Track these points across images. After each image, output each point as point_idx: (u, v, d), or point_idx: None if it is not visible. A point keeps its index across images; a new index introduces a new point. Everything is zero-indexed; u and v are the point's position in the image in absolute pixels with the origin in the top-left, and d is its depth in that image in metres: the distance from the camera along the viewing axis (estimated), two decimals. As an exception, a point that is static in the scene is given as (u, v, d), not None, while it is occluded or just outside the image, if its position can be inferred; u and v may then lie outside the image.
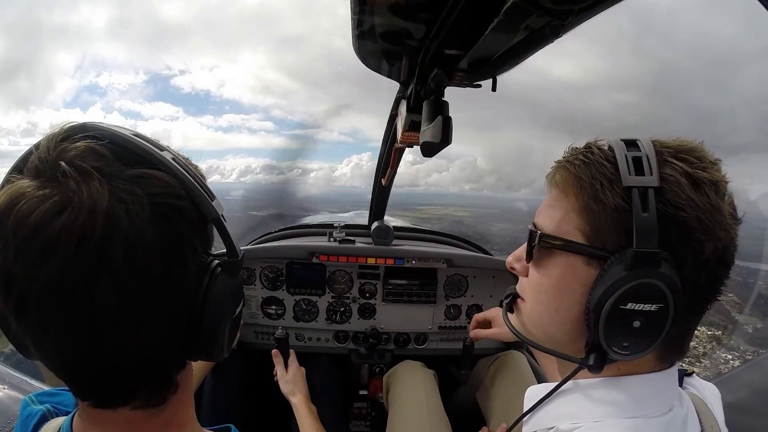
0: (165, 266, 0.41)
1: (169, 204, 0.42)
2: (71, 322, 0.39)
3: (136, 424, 0.47)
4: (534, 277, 0.61)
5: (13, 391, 1.07)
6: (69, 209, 0.37)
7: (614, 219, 0.51)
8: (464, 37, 0.56)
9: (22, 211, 0.37)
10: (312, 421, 1.28)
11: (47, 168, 0.40)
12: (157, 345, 0.44)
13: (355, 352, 1.84)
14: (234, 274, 0.48)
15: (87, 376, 0.43)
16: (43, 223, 0.37)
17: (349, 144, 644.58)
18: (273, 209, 6.48)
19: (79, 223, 0.37)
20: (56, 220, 0.37)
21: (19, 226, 0.37)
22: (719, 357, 3.70)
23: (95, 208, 0.38)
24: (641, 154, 0.51)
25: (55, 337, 0.40)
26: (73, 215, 0.37)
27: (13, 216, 0.37)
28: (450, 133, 0.63)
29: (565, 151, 0.59)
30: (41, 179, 0.39)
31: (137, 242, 0.39)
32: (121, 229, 0.38)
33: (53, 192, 0.38)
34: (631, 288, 0.49)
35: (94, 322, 0.39)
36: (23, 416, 0.54)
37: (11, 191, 0.39)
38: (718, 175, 0.52)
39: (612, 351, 0.52)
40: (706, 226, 0.49)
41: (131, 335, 0.42)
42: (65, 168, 0.39)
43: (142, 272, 0.40)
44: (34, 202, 0.37)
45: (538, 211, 0.61)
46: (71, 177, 0.38)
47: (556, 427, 0.58)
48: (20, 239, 0.37)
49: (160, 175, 0.42)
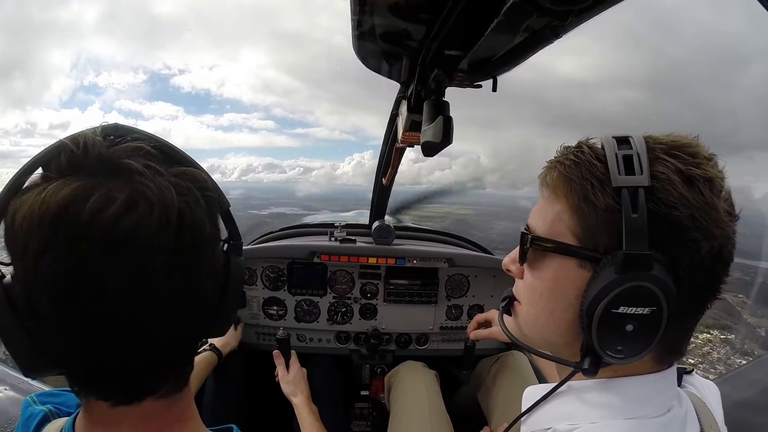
0: (213, 251, 0.48)
1: (209, 196, 0.47)
2: (148, 310, 0.41)
3: (150, 419, 0.48)
4: (528, 280, 0.60)
5: (14, 392, 1.07)
6: (142, 204, 0.39)
7: (605, 220, 0.50)
8: (464, 37, 0.56)
9: (94, 207, 0.38)
10: (313, 422, 1.28)
11: (102, 166, 0.41)
12: (195, 325, 0.48)
13: (356, 353, 1.85)
14: (240, 254, 0.54)
15: (133, 366, 0.44)
16: (119, 217, 0.38)
17: (350, 142, 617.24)
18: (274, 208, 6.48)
19: (155, 215, 0.40)
20: (131, 213, 0.39)
21: (93, 221, 0.38)
22: (734, 363, 3.66)
23: (166, 202, 0.40)
24: (632, 152, 0.50)
25: (121, 332, 0.41)
26: (148, 208, 0.39)
27: (85, 213, 0.38)
28: (451, 133, 0.63)
29: (557, 150, 0.57)
30: (98, 177, 0.40)
31: (199, 231, 0.44)
32: (187, 219, 0.42)
33: (121, 188, 0.39)
34: (622, 291, 0.48)
35: (167, 309, 0.42)
36: (24, 416, 0.54)
37: (68, 190, 0.39)
38: (713, 171, 0.50)
39: (606, 355, 0.51)
40: (700, 224, 0.48)
41: (186, 318, 0.45)
42: (129, 165, 0.41)
43: (201, 258, 0.45)
44: (105, 199, 0.38)
45: (530, 212, 0.60)
46: (137, 173, 0.41)
47: (553, 427, 0.58)
48: (95, 234, 0.38)
49: (194, 171, 0.46)
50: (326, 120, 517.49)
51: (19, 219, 0.39)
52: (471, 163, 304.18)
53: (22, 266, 0.40)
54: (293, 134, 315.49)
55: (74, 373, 0.45)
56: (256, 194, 17.28)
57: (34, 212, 0.38)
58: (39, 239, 0.38)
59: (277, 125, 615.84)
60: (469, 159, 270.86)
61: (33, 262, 0.39)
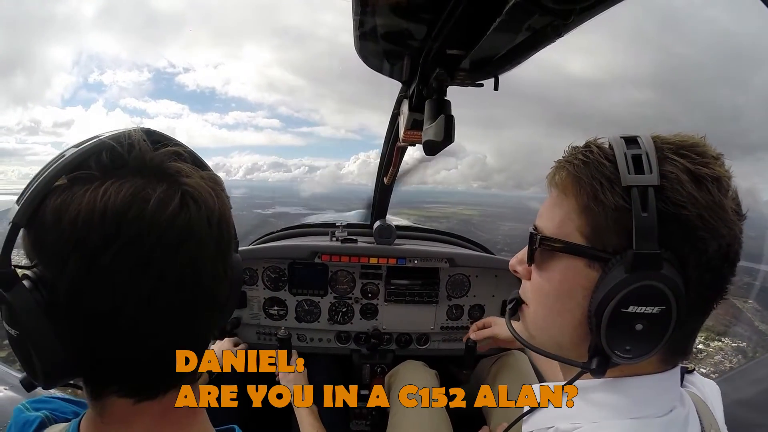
0: (236, 243, 0.54)
1: (228, 196, 0.51)
2: (196, 303, 0.45)
3: (169, 413, 0.49)
4: (536, 281, 0.60)
5: (13, 392, 1.07)
6: (192, 203, 0.44)
7: (614, 219, 0.50)
8: (466, 37, 0.56)
9: (154, 207, 0.41)
10: (313, 422, 1.28)
11: (149, 167, 0.44)
12: (223, 317, 0.53)
13: (356, 353, 1.85)
14: (236, 250, 0.58)
15: (167, 359, 0.46)
16: (176, 214, 0.42)
17: (356, 141, 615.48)
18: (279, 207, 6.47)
19: (203, 212, 0.44)
20: (186, 211, 0.43)
21: (155, 219, 0.41)
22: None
23: (209, 202, 0.45)
24: (641, 152, 0.50)
25: (171, 323, 0.44)
26: (196, 208, 0.44)
27: (148, 211, 0.41)
28: (452, 132, 0.63)
29: (565, 150, 0.58)
30: (146, 177, 0.43)
31: (230, 225, 0.49)
32: (224, 218, 0.47)
33: (173, 189, 0.43)
34: (632, 291, 0.48)
35: (212, 300, 0.47)
36: (19, 423, 0.54)
37: (128, 187, 0.41)
38: (721, 171, 0.50)
39: (615, 355, 0.51)
40: (708, 223, 0.48)
41: (223, 309, 0.51)
42: (175, 167, 0.45)
43: (230, 250, 0.50)
44: (163, 198, 0.42)
45: (539, 212, 0.60)
46: (183, 175, 0.45)
47: (555, 426, 0.58)
48: (157, 231, 0.41)
49: (215, 174, 0.51)
50: (331, 119, 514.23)
51: (71, 217, 0.40)
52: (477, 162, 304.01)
53: (70, 264, 0.40)
54: (298, 133, 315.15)
55: (104, 372, 0.45)
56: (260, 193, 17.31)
57: (95, 209, 0.40)
58: (100, 235, 0.40)
59: (283, 124, 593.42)
60: (475, 159, 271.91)
61: (90, 258, 0.40)
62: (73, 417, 0.52)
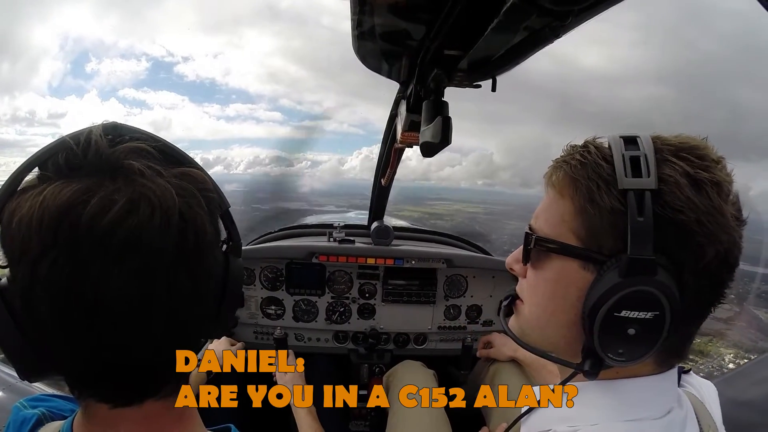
0: (213, 252, 0.47)
1: (210, 198, 0.46)
2: (149, 315, 0.41)
3: (150, 420, 0.47)
4: (531, 279, 0.60)
5: (9, 393, 1.06)
6: (143, 206, 0.38)
7: (610, 222, 0.49)
8: (464, 37, 0.56)
9: (93, 211, 0.37)
10: (311, 422, 1.28)
11: (102, 167, 0.40)
12: (196, 326, 0.47)
13: (354, 353, 1.84)
14: (239, 255, 0.54)
15: (137, 368, 0.43)
16: (119, 221, 0.37)
17: (359, 136, 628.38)
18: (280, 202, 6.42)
19: (156, 218, 0.39)
20: (132, 217, 0.38)
21: (93, 225, 0.37)
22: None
23: (168, 204, 0.40)
24: (639, 154, 0.49)
25: (122, 334, 0.41)
26: (148, 211, 0.39)
27: (85, 216, 0.37)
28: (450, 134, 0.62)
29: (563, 149, 0.57)
30: (97, 178, 0.39)
31: (201, 233, 0.43)
32: (188, 221, 0.41)
33: (122, 190, 0.39)
34: (625, 295, 0.47)
35: (170, 311, 0.42)
36: (17, 422, 0.53)
37: (68, 192, 0.38)
38: (721, 175, 0.49)
39: (608, 357, 0.50)
40: (706, 228, 0.47)
41: (189, 319, 0.45)
42: (130, 166, 0.40)
43: (205, 260, 0.44)
44: (105, 202, 0.38)
45: (535, 212, 0.60)
46: (138, 174, 0.40)
47: (552, 429, 0.57)
48: (96, 239, 0.37)
49: (195, 172, 0.46)
50: (334, 113, 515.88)
51: (17, 221, 0.38)
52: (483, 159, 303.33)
53: (20, 269, 0.39)
54: (301, 126, 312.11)
55: (73, 377, 0.45)
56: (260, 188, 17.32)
57: (33, 215, 0.37)
58: (38, 242, 0.38)
59: (285, 117, 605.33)
60: (481, 155, 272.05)
61: (32, 265, 0.38)
62: (70, 415, 0.51)
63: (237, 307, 0.54)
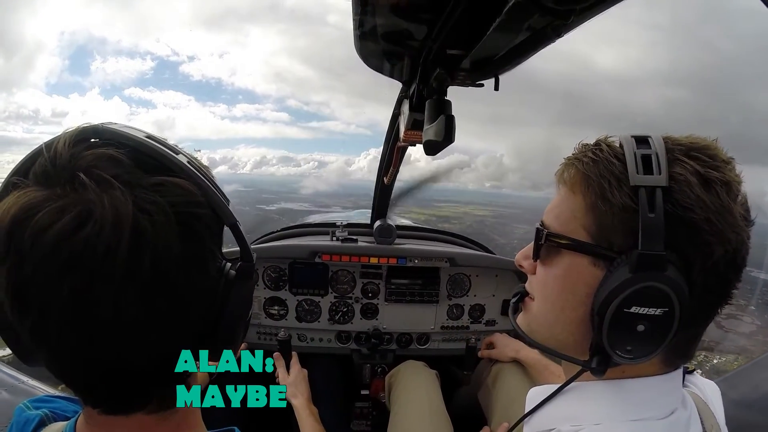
0: (188, 275, 0.41)
1: (192, 213, 0.41)
2: (95, 334, 0.38)
3: (148, 428, 0.47)
4: (541, 276, 0.60)
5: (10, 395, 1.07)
6: (92, 221, 0.36)
7: (621, 219, 0.50)
8: (466, 37, 0.56)
9: (40, 224, 0.36)
10: (313, 423, 1.28)
11: (63, 175, 0.38)
12: (178, 350, 0.44)
13: (357, 353, 1.85)
14: (249, 277, 0.48)
15: (105, 383, 0.42)
16: (65, 237, 0.35)
17: (367, 136, 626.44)
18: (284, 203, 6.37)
19: (104, 236, 0.36)
20: (79, 233, 0.36)
21: (37, 239, 0.35)
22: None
23: (120, 220, 0.36)
24: (651, 152, 0.50)
25: (76, 349, 0.39)
26: (96, 228, 0.36)
27: (30, 229, 0.36)
28: (453, 132, 0.63)
29: (575, 147, 0.58)
30: (56, 188, 0.37)
31: (163, 254, 0.38)
32: (147, 240, 0.37)
33: (72, 203, 0.36)
34: (635, 291, 0.48)
35: (119, 333, 0.39)
36: (20, 422, 0.53)
37: (24, 201, 0.37)
38: (731, 175, 0.50)
39: (616, 354, 0.50)
40: (715, 227, 0.47)
41: (155, 342, 0.41)
42: (83, 177, 0.37)
43: (168, 283, 0.40)
44: (53, 214, 0.36)
45: (546, 209, 0.60)
46: (90, 186, 0.37)
47: (557, 428, 0.57)
48: (39, 253, 0.36)
49: (180, 182, 0.41)
50: (342, 113, 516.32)
51: None
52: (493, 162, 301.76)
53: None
54: (308, 127, 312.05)
55: (54, 374, 0.44)
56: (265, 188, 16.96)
57: None
58: (1, 248, 0.37)
59: (292, 117, 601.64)
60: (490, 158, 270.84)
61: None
62: (73, 416, 0.51)
63: (239, 335, 0.50)
